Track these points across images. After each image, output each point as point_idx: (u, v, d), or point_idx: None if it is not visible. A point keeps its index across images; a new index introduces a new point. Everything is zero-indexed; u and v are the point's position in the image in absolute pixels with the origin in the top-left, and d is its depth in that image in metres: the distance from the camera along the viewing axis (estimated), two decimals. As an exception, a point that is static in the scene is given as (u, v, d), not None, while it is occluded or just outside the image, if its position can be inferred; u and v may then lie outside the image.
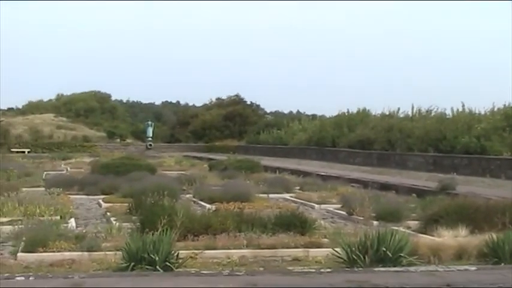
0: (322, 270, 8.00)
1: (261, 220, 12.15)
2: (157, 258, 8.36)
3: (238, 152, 50.39)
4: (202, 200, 18.19)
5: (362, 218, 12.98)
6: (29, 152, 55.07)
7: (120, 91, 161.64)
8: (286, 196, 20.90)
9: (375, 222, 13.14)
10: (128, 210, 14.70)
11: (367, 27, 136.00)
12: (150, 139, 55.62)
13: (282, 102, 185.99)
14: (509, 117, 30.63)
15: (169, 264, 8.48)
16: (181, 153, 51.91)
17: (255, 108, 74.82)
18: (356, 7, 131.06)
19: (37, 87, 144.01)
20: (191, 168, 34.41)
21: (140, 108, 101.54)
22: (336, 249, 9.19)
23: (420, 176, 25.95)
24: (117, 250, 9.42)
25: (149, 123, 57.64)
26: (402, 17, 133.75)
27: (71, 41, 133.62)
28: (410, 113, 39.92)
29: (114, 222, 13.76)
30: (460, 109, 35.63)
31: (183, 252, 9.14)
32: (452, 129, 32.19)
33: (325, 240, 11.20)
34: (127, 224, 12.88)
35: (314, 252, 10.53)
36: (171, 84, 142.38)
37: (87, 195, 20.33)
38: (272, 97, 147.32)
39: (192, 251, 9.65)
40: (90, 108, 76.71)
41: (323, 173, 27.50)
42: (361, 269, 8.18)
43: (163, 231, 8.75)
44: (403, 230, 11.30)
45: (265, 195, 18.97)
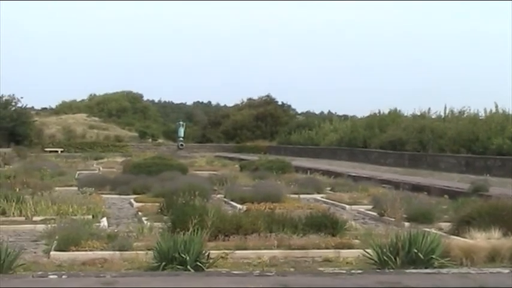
0: (353, 271, 7.99)
1: (291, 221, 12.12)
2: (188, 258, 8.39)
3: (269, 152, 50.27)
4: (233, 200, 18.22)
5: (393, 219, 12.91)
6: (62, 151, 55.71)
7: (152, 91, 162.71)
8: (317, 197, 20.84)
9: (406, 224, 13.07)
10: (159, 210, 14.76)
11: (402, 27, 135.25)
12: (181, 139, 55.71)
13: (313, 102, 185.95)
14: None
15: (200, 264, 8.51)
16: (213, 154, 52.05)
17: (286, 108, 74.81)
18: (387, 7, 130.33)
19: (70, 88, 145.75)
20: (222, 168, 34.44)
21: (172, 108, 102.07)
22: (366, 251, 9.16)
23: (452, 177, 25.72)
24: (149, 250, 9.50)
25: (181, 123, 57.72)
26: (442, 18, 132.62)
27: (104, 42, 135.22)
28: (442, 113, 39.73)
29: (145, 221, 13.86)
30: (493, 110, 35.31)
31: (213, 252, 9.18)
32: (485, 130, 31.84)
33: (356, 241, 11.14)
34: (158, 223, 12.98)
35: (345, 253, 10.50)
36: (202, 85, 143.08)
37: (119, 194, 20.48)
38: (303, 98, 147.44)
39: (222, 251, 9.66)
40: (122, 108, 77.38)
41: (354, 174, 27.39)
42: (392, 271, 8.14)
43: (194, 231, 8.80)
44: (435, 231, 11.23)
45: (296, 196, 18.97)
